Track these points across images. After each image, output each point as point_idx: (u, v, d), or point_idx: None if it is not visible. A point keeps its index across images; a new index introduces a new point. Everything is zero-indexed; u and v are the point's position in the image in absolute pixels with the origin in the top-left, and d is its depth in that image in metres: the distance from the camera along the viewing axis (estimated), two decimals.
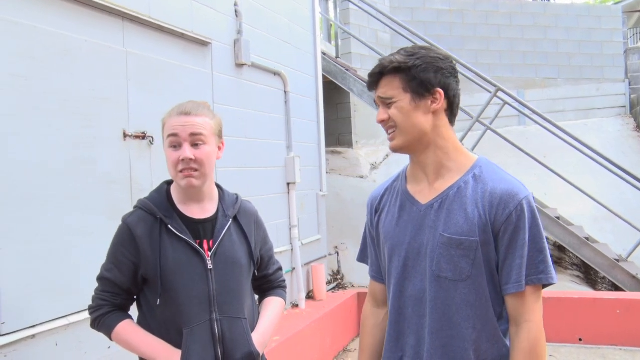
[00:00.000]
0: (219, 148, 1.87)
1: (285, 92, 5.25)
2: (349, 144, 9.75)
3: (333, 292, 5.93)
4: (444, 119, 1.60)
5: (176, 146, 1.74)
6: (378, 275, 1.81)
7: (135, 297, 1.85)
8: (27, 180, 2.50)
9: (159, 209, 1.79)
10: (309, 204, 5.75)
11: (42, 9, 2.64)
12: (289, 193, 5.20)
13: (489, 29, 11.67)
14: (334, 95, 9.41)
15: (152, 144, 3.24)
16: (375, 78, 1.61)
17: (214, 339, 1.75)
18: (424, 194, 1.63)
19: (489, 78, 6.93)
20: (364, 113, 9.77)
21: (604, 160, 6.64)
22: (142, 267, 1.75)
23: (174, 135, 1.74)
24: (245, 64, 4.44)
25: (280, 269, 2.12)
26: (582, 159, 7.19)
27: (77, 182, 2.76)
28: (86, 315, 2.64)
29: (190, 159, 1.72)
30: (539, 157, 7.08)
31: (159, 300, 1.73)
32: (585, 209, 8.41)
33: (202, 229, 1.82)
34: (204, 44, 3.94)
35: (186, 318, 1.73)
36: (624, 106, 12.15)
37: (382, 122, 1.61)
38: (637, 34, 21.92)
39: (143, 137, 3.19)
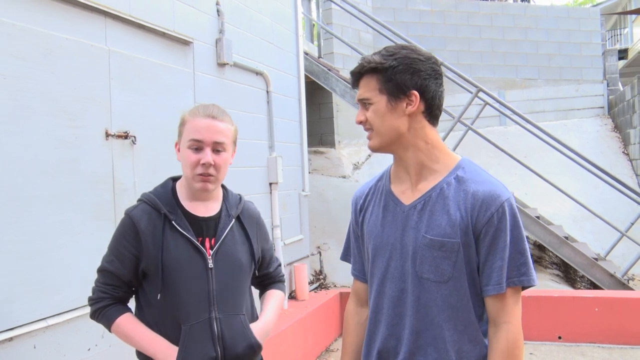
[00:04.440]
0: (231, 155, 1.90)
1: (267, 92, 5.23)
2: (331, 144, 9.76)
3: (315, 292, 5.93)
4: (422, 120, 1.57)
5: (197, 148, 1.77)
6: (361, 274, 1.80)
7: (134, 290, 1.85)
8: (13, 180, 2.47)
9: (163, 205, 1.80)
10: (292, 204, 5.74)
11: (25, 6, 2.59)
12: (271, 193, 5.18)
13: (470, 29, 11.78)
14: (317, 95, 9.41)
15: (134, 143, 3.21)
16: (355, 77, 1.60)
17: (213, 338, 1.76)
18: (407, 194, 1.62)
19: (470, 79, 6.98)
20: (346, 113, 9.80)
21: (584, 160, 6.73)
22: (143, 261, 1.76)
23: (198, 140, 1.76)
24: (227, 64, 4.42)
25: (280, 265, 2.15)
26: (562, 159, 7.28)
27: (63, 181, 2.73)
28: (66, 317, 2.66)
29: (211, 164, 1.76)
30: (520, 157, 7.15)
31: (159, 295, 1.74)
32: (565, 208, 8.53)
33: (205, 226, 1.83)
34: (185, 43, 3.91)
35: (185, 315, 1.74)
36: (603, 107, 12.34)
37: (360, 123, 1.61)
38: (614, 35, 22.28)
39: (125, 136, 3.15)
